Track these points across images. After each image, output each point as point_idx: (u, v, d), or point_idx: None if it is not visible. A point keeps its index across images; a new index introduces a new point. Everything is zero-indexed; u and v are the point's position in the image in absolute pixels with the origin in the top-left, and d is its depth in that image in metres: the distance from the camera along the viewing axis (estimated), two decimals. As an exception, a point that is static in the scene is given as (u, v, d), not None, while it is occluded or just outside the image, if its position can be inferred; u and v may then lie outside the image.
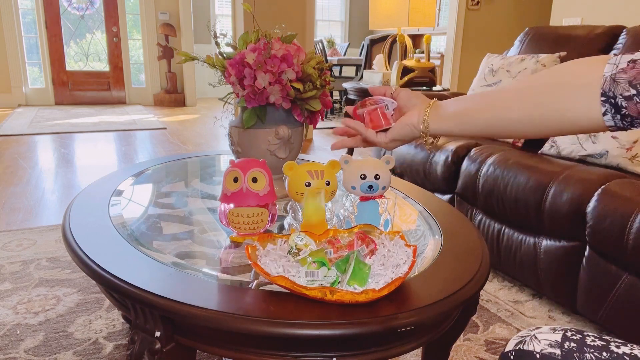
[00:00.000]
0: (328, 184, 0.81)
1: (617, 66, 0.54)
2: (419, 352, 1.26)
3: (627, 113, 0.54)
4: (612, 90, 0.54)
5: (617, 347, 0.52)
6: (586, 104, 0.56)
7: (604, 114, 0.56)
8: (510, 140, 2.01)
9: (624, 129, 0.56)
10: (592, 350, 0.53)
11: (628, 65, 0.54)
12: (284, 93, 1.02)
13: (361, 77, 4.89)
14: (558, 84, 0.59)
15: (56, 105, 6.06)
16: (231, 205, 0.83)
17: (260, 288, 0.69)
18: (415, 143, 2.04)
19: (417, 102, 0.73)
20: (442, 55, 5.33)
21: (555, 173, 1.46)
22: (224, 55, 1.07)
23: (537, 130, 0.62)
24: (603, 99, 0.55)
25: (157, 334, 0.67)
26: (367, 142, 0.81)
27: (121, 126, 4.67)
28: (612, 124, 0.56)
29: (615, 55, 0.56)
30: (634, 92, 0.53)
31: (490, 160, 1.68)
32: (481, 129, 0.67)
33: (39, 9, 5.85)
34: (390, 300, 0.65)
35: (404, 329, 0.65)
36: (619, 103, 0.54)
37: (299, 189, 0.80)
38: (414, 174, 2.05)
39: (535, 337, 0.58)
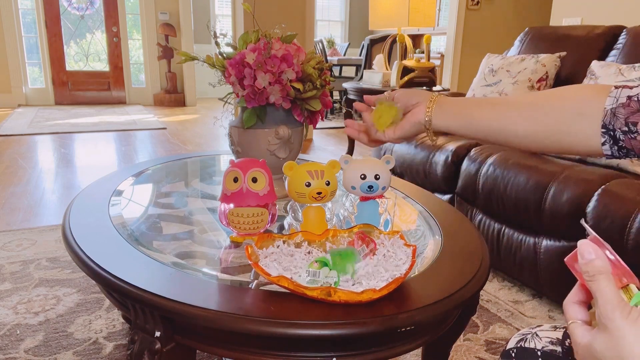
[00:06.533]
0: (328, 184, 0.81)
1: (617, 100, 0.57)
2: (419, 352, 1.26)
3: (623, 145, 0.57)
4: (612, 123, 0.57)
5: None
6: (587, 133, 0.59)
7: (603, 144, 0.58)
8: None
9: (619, 158, 0.59)
10: None
11: (626, 101, 0.56)
12: (284, 93, 1.02)
13: (361, 77, 4.89)
14: (563, 108, 0.61)
15: (56, 105, 6.06)
16: (231, 205, 0.83)
17: (260, 288, 0.69)
18: (415, 143, 2.04)
19: (420, 99, 0.73)
20: (442, 55, 5.33)
21: (555, 173, 1.46)
22: (224, 55, 1.07)
23: (537, 147, 0.65)
24: (603, 130, 0.58)
25: (157, 334, 0.67)
26: (375, 142, 0.82)
27: (121, 126, 4.67)
28: (610, 153, 0.59)
29: (616, 87, 0.58)
30: (626, 129, 0.56)
31: (490, 160, 1.68)
32: (483, 135, 0.68)
33: (39, 9, 5.85)
34: (390, 300, 0.65)
35: (404, 329, 0.65)
36: (618, 136, 0.57)
37: (299, 189, 0.80)
38: (414, 174, 2.05)
39: (537, 335, 0.58)
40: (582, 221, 0.43)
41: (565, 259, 0.43)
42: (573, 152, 0.62)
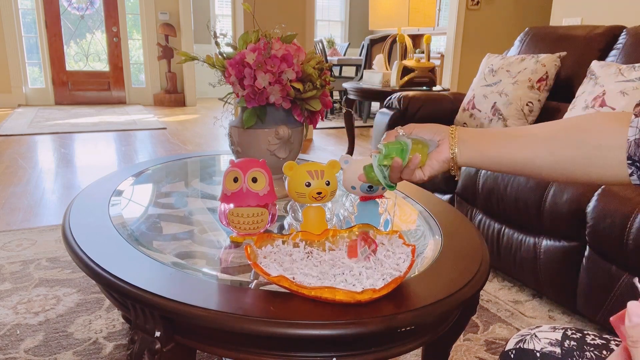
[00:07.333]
0: (328, 184, 0.81)
1: (639, 129, 0.57)
2: (419, 352, 1.26)
3: None
4: (637, 154, 0.57)
5: (617, 345, 0.52)
6: (614, 165, 0.60)
7: (631, 174, 0.59)
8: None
9: None
10: (592, 348, 0.54)
11: None
12: (284, 93, 1.02)
13: (361, 77, 4.89)
14: (584, 142, 0.61)
15: (56, 105, 6.06)
16: (231, 205, 0.83)
17: (260, 288, 0.69)
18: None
19: (442, 136, 0.72)
20: (442, 55, 5.33)
21: (555, 173, 1.46)
22: (224, 55, 1.07)
23: (564, 179, 0.65)
24: (629, 162, 0.58)
25: (157, 334, 0.67)
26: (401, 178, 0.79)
27: (121, 126, 4.67)
28: (638, 182, 0.59)
29: (636, 116, 0.58)
30: None
31: (490, 160, 1.68)
32: (507, 169, 0.69)
33: (39, 9, 5.85)
34: (390, 300, 0.65)
35: (404, 329, 0.65)
36: None
37: (299, 189, 0.80)
38: (414, 174, 2.04)
39: (536, 336, 0.58)
40: (636, 280, 0.40)
41: (611, 319, 0.40)
42: (603, 183, 0.62)
